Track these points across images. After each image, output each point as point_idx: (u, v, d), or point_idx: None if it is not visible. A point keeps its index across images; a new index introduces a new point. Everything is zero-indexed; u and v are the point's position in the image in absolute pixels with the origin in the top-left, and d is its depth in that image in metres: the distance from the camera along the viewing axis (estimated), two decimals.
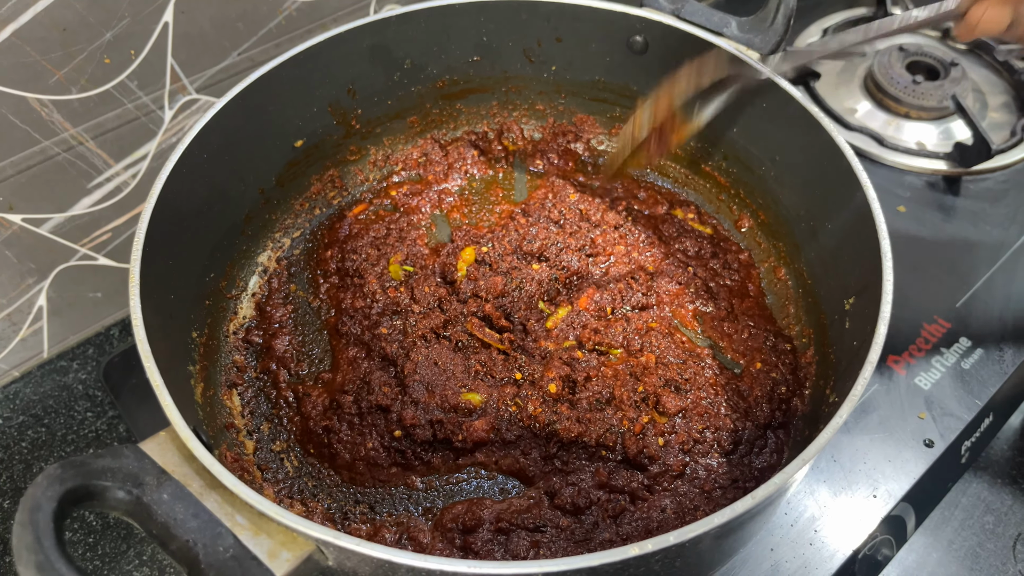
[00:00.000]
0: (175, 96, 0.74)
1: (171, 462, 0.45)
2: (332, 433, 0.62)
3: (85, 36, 0.66)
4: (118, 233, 0.80)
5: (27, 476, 0.77)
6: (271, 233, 0.76)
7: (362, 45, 0.71)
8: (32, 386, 0.83)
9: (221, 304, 0.70)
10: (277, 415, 0.65)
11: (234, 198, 0.70)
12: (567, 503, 0.58)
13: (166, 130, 0.76)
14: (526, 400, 0.62)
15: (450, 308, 0.68)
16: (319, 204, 0.79)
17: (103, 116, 0.71)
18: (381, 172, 0.82)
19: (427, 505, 0.59)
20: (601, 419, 0.61)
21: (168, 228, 0.58)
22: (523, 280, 0.70)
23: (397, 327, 0.67)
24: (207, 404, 0.62)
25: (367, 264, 0.72)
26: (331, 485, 0.61)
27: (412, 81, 0.77)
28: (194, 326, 0.65)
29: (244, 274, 0.74)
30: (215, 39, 0.73)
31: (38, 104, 0.67)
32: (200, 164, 0.63)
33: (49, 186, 0.72)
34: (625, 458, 0.60)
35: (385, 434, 0.61)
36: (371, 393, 0.63)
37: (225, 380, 0.66)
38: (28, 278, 0.77)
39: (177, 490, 0.44)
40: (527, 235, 0.73)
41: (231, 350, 0.68)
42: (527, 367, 0.65)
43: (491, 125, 0.83)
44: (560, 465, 0.60)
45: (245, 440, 0.63)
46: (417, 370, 0.64)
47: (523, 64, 0.77)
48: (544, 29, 0.74)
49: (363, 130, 0.79)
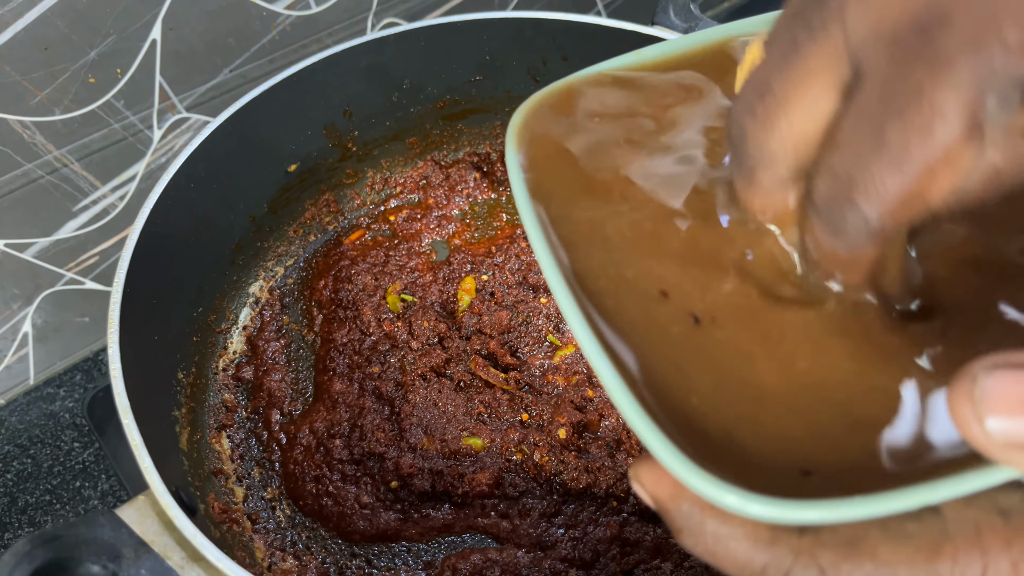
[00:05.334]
0: (164, 115, 0.72)
1: (150, 531, 0.42)
2: (321, 483, 0.59)
3: (68, 55, 0.63)
4: (106, 256, 0.78)
5: (12, 510, 0.74)
6: (263, 262, 0.73)
7: (359, 65, 0.68)
8: (18, 414, 0.80)
9: (210, 339, 0.67)
10: (269, 459, 0.62)
11: (223, 227, 0.67)
12: (576, 557, 0.55)
13: (155, 150, 0.73)
14: (532, 448, 0.59)
15: (452, 345, 0.65)
16: (314, 230, 0.76)
17: (88, 137, 0.68)
18: (379, 195, 0.78)
19: (427, 559, 0.57)
20: (612, 467, 0.58)
21: (153, 264, 0.55)
22: (530, 314, 0.67)
23: (393, 364, 0.64)
24: (193, 450, 0.59)
25: (363, 294, 0.69)
26: (326, 536, 0.58)
27: (411, 102, 0.74)
28: (180, 366, 0.62)
29: (234, 306, 0.70)
30: (205, 56, 0.70)
31: (20, 126, 0.64)
32: (187, 193, 0.60)
33: (33, 210, 0.70)
34: (638, 509, 0.57)
35: (381, 486, 0.58)
36: (364, 439, 0.60)
37: (214, 422, 0.63)
38: (12, 304, 0.75)
39: (156, 564, 0.41)
40: (532, 265, 0.70)
41: (220, 388, 0.65)
42: (534, 407, 0.62)
43: (494, 146, 0.80)
44: (565, 520, 0.57)
45: (234, 487, 0.60)
46: (415, 412, 0.61)
47: (527, 84, 0.74)
48: (550, 47, 0.70)
49: (360, 152, 0.76)
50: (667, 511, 0.25)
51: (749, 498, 0.20)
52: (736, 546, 0.23)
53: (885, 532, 0.22)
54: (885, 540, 0.22)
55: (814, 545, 0.22)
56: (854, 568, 0.22)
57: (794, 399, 0.24)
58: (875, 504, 0.20)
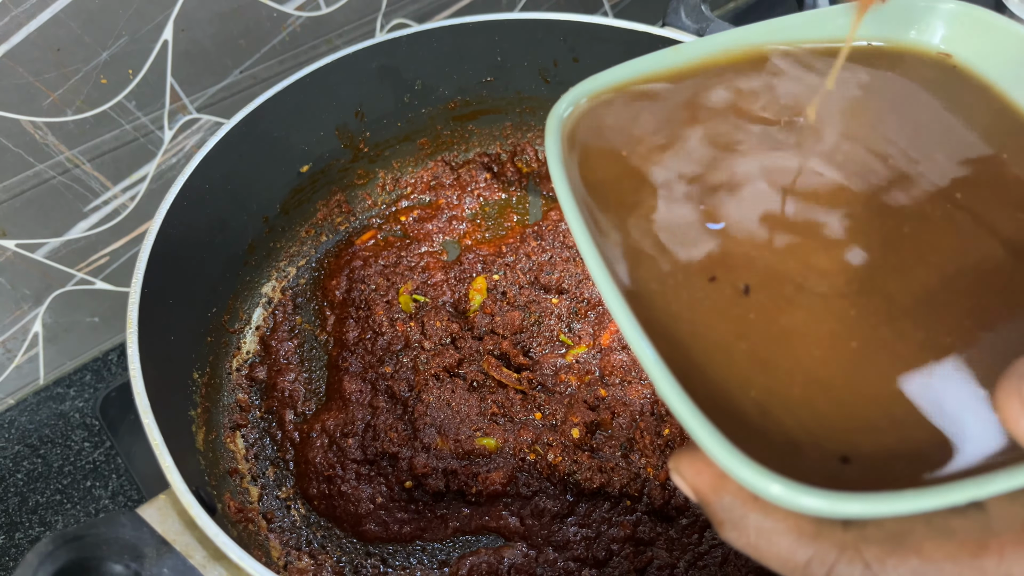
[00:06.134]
0: (175, 116, 0.72)
1: (172, 530, 0.42)
2: (334, 483, 0.59)
3: (81, 56, 0.63)
4: (116, 256, 0.78)
5: (23, 509, 0.74)
6: (275, 262, 0.73)
7: (371, 66, 0.68)
8: (28, 414, 0.80)
9: (223, 339, 0.67)
10: (283, 458, 0.62)
11: (237, 228, 0.67)
12: (589, 556, 0.55)
13: (165, 151, 0.74)
14: (546, 448, 0.59)
15: (464, 345, 0.65)
16: (326, 230, 0.76)
17: (100, 138, 0.68)
18: (390, 196, 0.79)
19: (442, 558, 0.57)
20: (625, 467, 0.59)
21: (168, 265, 0.55)
22: (542, 314, 0.67)
23: (406, 364, 0.64)
24: (209, 450, 0.59)
25: (375, 295, 0.69)
26: (340, 535, 0.58)
27: (423, 103, 0.74)
28: (195, 366, 0.62)
29: (247, 306, 0.71)
30: (216, 57, 0.70)
31: (32, 127, 0.64)
32: (202, 195, 0.60)
33: (44, 211, 0.70)
34: (651, 508, 0.58)
35: (395, 485, 0.58)
36: (377, 439, 0.60)
37: (228, 422, 0.63)
38: (23, 304, 0.75)
39: (178, 563, 0.41)
40: (543, 265, 0.70)
41: (234, 388, 0.65)
42: (547, 406, 0.62)
43: (504, 147, 0.80)
44: (579, 520, 0.58)
45: (249, 486, 0.60)
46: (428, 412, 0.61)
47: (538, 84, 0.74)
48: (561, 49, 0.71)
49: (371, 153, 0.76)
50: (709, 504, 0.25)
51: (800, 490, 0.20)
52: (780, 540, 0.23)
53: (929, 528, 0.22)
54: (930, 536, 0.22)
55: (859, 540, 0.22)
56: (899, 563, 0.22)
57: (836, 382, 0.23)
58: (925, 498, 0.20)
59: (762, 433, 0.23)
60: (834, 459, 0.22)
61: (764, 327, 0.25)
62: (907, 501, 0.20)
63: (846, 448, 0.22)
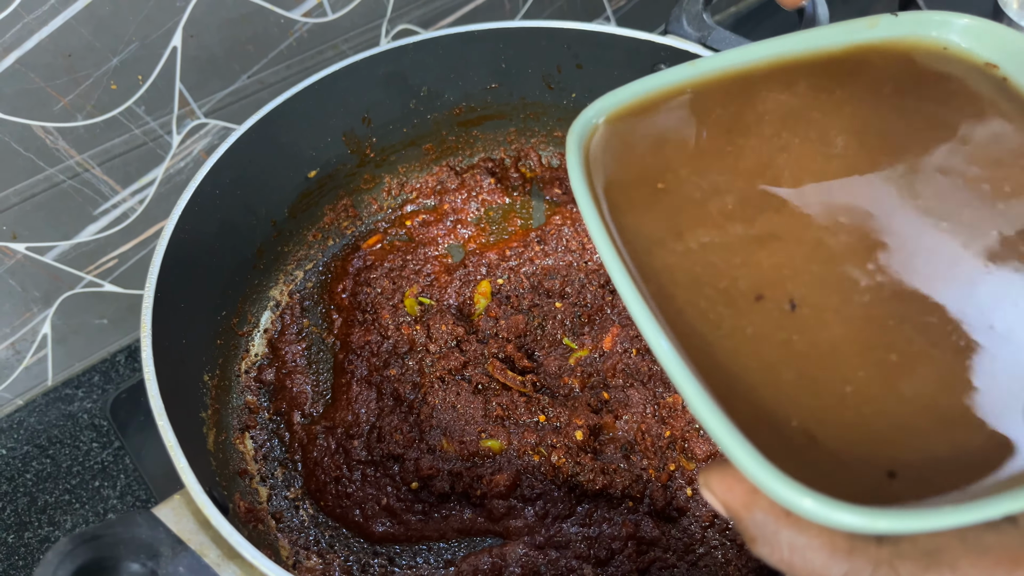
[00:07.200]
0: (183, 121, 0.72)
1: (186, 529, 0.43)
2: (341, 484, 0.60)
3: (91, 61, 0.64)
4: (125, 259, 0.79)
5: (32, 509, 0.75)
6: (283, 266, 0.74)
7: (378, 73, 0.69)
8: (36, 415, 0.81)
9: (233, 342, 0.68)
10: (292, 459, 0.63)
11: (246, 232, 0.68)
12: (591, 555, 0.56)
13: (174, 155, 0.74)
14: (550, 450, 0.60)
15: (469, 348, 0.66)
16: (332, 234, 0.77)
17: (110, 142, 0.69)
18: (396, 200, 0.80)
19: (448, 557, 0.58)
20: (627, 468, 0.60)
21: (180, 271, 0.56)
22: (545, 318, 0.68)
23: (411, 367, 0.66)
24: (219, 451, 0.60)
25: (381, 298, 0.70)
26: (348, 535, 0.59)
27: (428, 108, 0.75)
28: (206, 368, 0.63)
29: (256, 309, 0.72)
30: (225, 62, 0.71)
31: (43, 131, 0.65)
32: (212, 199, 0.61)
33: (54, 214, 0.71)
34: (653, 510, 0.59)
35: (402, 487, 0.59)
36: (382, 441, 0.61)
37: (237, 423, 0.64)
38: (32, 306, 0.76)
39: (194, 562, 0.42)
40: (546, 269, 0.71)
41: (243, 390, 0.66)
42: (551, 408, 0.63)
43: (508, 152, 0.81)
44: (581, 520, 0.59)
45: (258, 487, 0.61)
46: (433, 414, 0.62)
47: (542, 91, 0.75)
48: (564, 55, 0.72)
49: (377, 158, 0.77)
50: (740, 519, 0.24)
51: (834, 506, 0.20)
52: (813, 556, 0.23)
53: (964, 544, 0.22)
54: (965, 552, 0.22)
55: (893, 556, 0.22)
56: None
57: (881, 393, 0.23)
58: (960, 513, 0.20)
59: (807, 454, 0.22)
60: (882, 475, 0.22)
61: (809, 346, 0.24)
62: (941, 516, 0.20)
63: (893, 464, 0.22)
